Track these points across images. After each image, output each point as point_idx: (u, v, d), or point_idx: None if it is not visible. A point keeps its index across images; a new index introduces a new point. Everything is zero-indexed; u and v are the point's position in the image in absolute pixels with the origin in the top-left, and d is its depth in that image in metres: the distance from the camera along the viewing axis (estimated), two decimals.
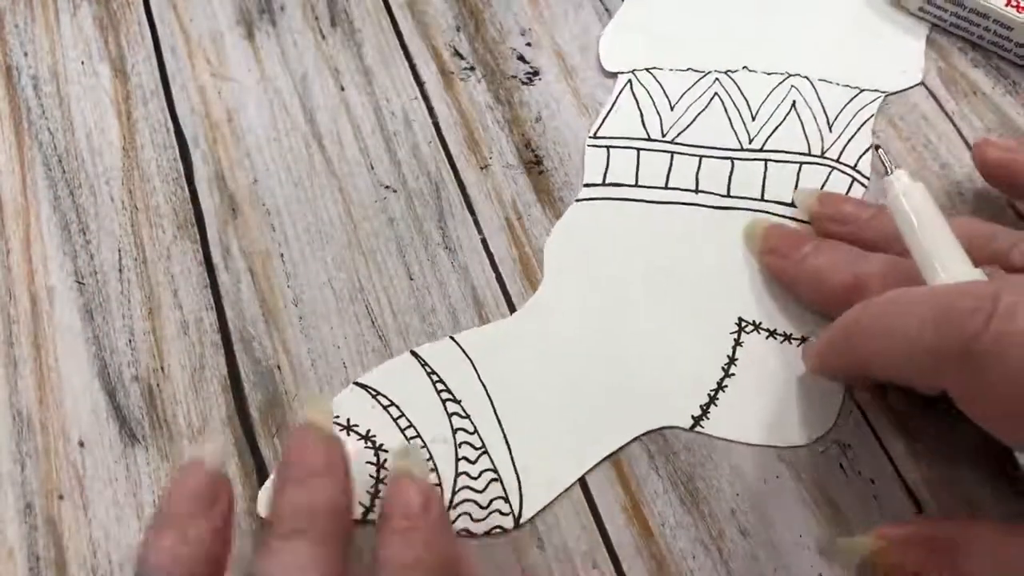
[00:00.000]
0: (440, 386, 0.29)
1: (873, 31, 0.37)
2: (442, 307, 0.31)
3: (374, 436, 0.28)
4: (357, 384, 0.29)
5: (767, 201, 0.32)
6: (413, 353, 0.29)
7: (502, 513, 0.27)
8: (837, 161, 0.33)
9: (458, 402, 0.28)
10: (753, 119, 0.34)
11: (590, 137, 0.34)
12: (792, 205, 0.32)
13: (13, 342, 0.30)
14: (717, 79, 0.35)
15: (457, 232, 0.32)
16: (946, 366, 0.22)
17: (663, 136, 0.34)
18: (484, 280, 0.31)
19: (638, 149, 0.33)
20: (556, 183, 0.33)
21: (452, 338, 0.30)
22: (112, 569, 0.27)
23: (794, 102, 0.35)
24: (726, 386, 0.29)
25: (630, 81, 0.35)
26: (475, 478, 0.27)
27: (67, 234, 0.32)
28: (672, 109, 0.34)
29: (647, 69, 0.35)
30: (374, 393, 0.29)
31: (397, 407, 0.28)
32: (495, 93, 0.35)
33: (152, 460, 0.28)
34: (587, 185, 0.33)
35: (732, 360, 0.29)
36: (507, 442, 0.28)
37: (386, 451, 0.28)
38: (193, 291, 0.31)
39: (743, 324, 0.30)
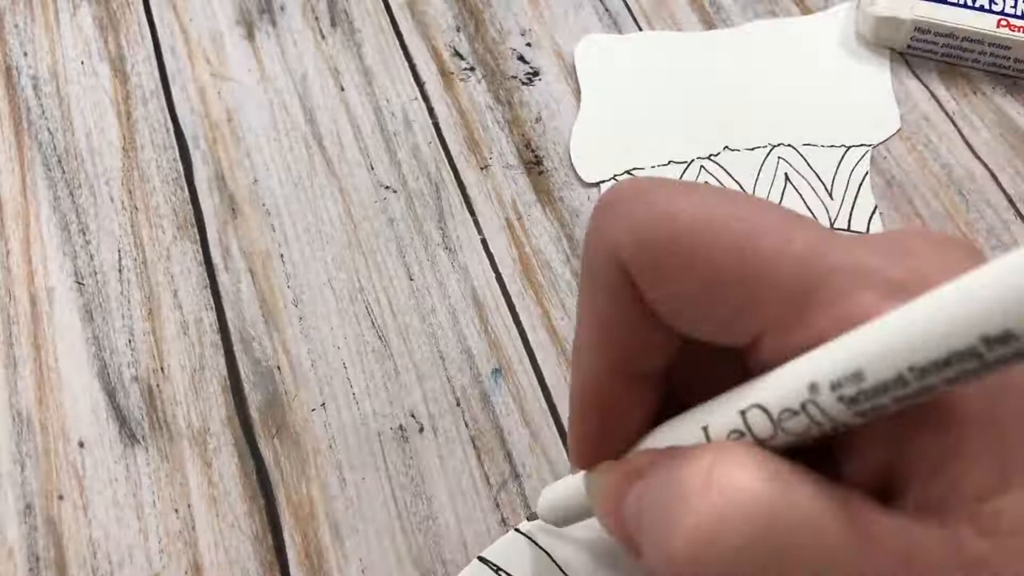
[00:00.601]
0: None
1: (842, 84, 0.35)
2: (442, 307, 0.31)
3: None
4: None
5: None
6: (481, 559, 0.27)
7: None
8: (848, 230, 0.32)
9: None
10: None
11: None
12: None
13: (13, 342, 0.30)
14: (702, 167, 0.33)
15: (457, 232, 0.32)
16: None
17: None
18: (484, 280, 0.31)
19: None
20: (556, 183, 0.33)
21: (517, 530, 0.28)
22: (112, 569, 0.27)
23: (786, 174, 0.33)
24: None
25: None
26: None
27: (67, 234, 0.32)
28: None
29: (627, 172, 0.34)
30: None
31: None
32: (495, 93, 0.35)
33: (152, 460, 0.28)
34: None
35: None
36: None
37: None
38: (193, 291, 0.31)
39: None
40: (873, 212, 0.33)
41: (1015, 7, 0.35)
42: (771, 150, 0.34)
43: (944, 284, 0.13)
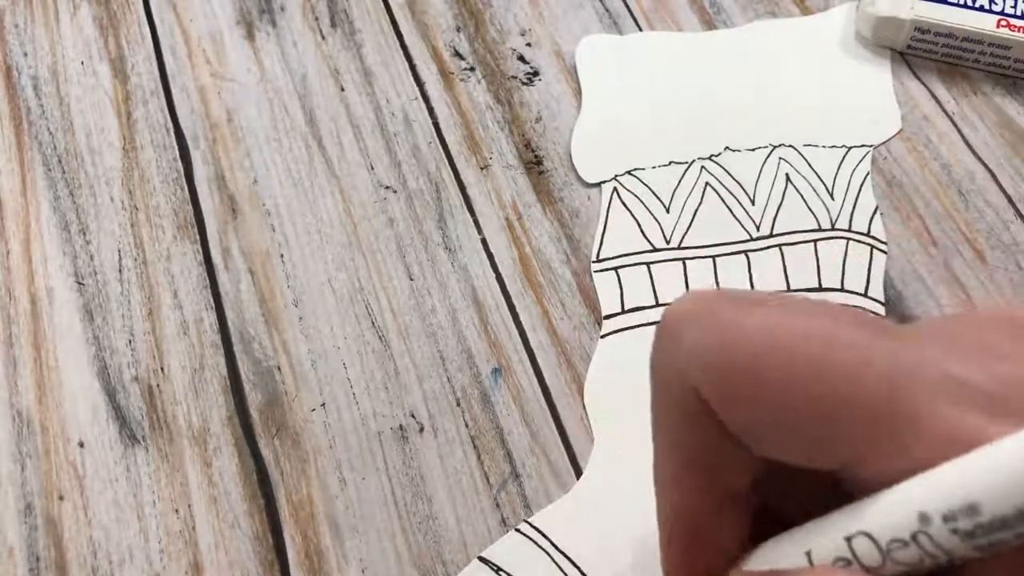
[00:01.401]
0: None
1: (843, 85, 0.35)
2: (442, 307, 0.31)
3: None
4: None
5: (794, 291, 0.31)
6: (482, 559, 0.27)
7: None
8: (849, 231, 0.32)
9: None
10: (753, 203, 0.32)
11: (594, 261, 0.32)
12: (820, 289, 0.30)
13: (13, 342, 0.30)
14: (703, 167, 0.33)
15: (457, 232, 0.32)
16: None
17: (668, 243, 0.32)
18: (484, 280, 0.31)
19: (647, 264, 0.31)
20: (556, 183, 0.33)
21: (527, 522, 0.28)
22: (112, 569, 0.27)
23: (787, 175, 0.33)
24: None
25: (615, 189, 0.33)
26: None
27: (67, 234, 0.32)
28: (668, 211, 0.32)
29: (629, 172, 0.33)
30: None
31: None
32: (495, 93, 0.35)
33: (152, 461, 0.28)
34: (607, 317, 0.31)
35: None
36: None
37: None
38: (193, 291, 0.31)
39: None
40: (874, 213, 0.33)
41: (1015, 7, 0.35)
42: (772, 150, 0.34)
43: None
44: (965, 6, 0.35)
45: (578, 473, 0.28)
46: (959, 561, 0.15)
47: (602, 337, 0.31)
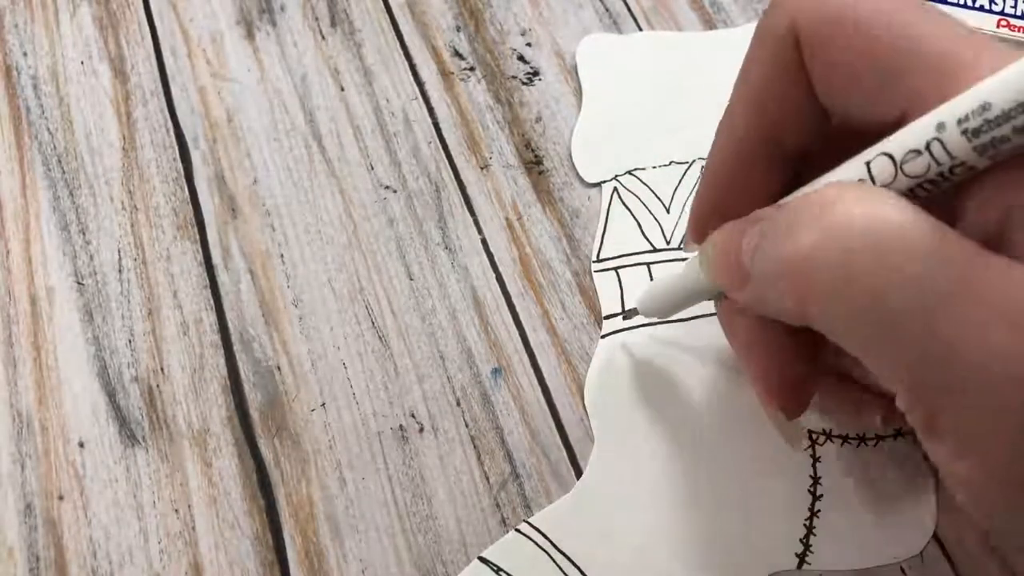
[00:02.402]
0: None
1: None
2: (442, 307, 0.31)
3: None
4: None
5: None
6: (482, 559, 0.27)
7: None
8: None
9: None
10: None
11: (594, 261, 0.32)
12: None
13: (13, 342, 0.30)
14: (703, 167, 0.34)
15: (457, 232, 0.32)
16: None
17: (668, 243, 0.32)
18: (484, 280, 0.31)
19: (647, 264, 0.31)
20: (556, 183, 0.33)
21: (527, 522, 0.28)
22: (112, 569, 0.27)
23: None
24: (819, 511, 0.27)
25: (616, 189, 0.33)
26: None
27: (67, 234, 0.32)
28: (668, 212, 0.32)
29: (629, 172, 0.33)
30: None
31: None
32: (495, 93, 0.35)
33: (152, 461, 0.28)
34: (607, 317, 0.31)
35: (816, 480, 0.27)
36: None
37: None
38: (193, 291, 0.31)
39: (814, 436, 0.28)
40: None
41: (1015, 7, 0.35)
42: None
43: None
44: (965, 6, 0.35)
45: (578, 473, 0.28)
46: (958, 174, 0.17)
47: (602, 337, 0.31)
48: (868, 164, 0.18)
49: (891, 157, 0.17)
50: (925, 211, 0.17)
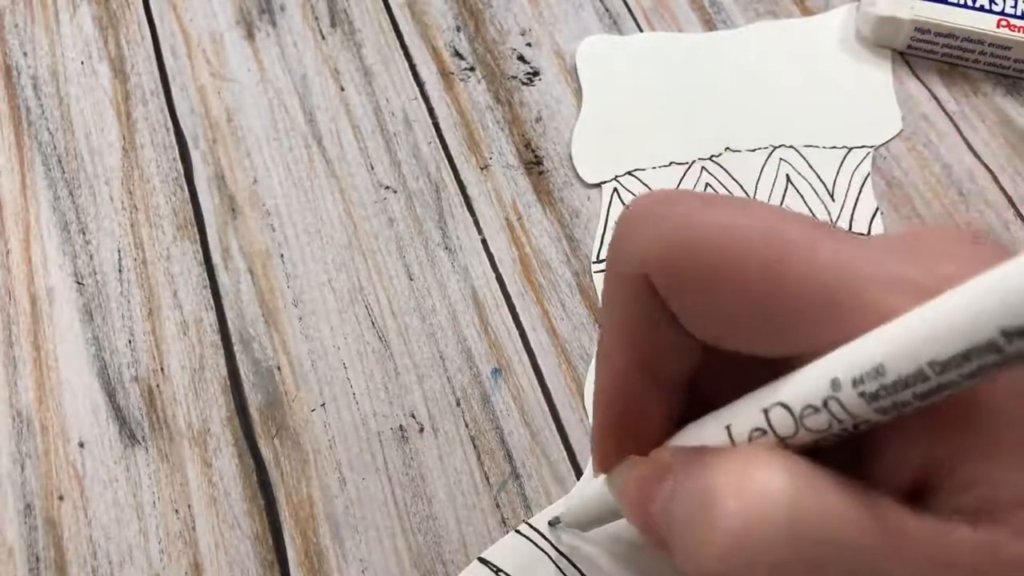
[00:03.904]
0: None
1: (843, 85, 0.35)
2: (442, 307, 0.31)
3: None
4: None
5: None
6: (482, 559, 0.27)
7: None
8: (850, 232, 0.31)
9: None
10: None
11: (594, 261, 0.32)
12: None
13: (13, 342, 0.30)
14: (704, 168, 0.33)
15: (457, 232, 0.32)
16: None
17: None
18: (484, 280, 0.31)
19: None
20: (556, 183, 0.33)
21: (527, 522, 0.28)
22: (112, 569, 0.27)
23: (788, 176, 0.33)
24: None
25: (616, 190, 0.33)
26: None
27: (67, 234, 0.32)
28: None
29: (629, 172, 0.33)
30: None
31: None
32: (495, 93, 0.35)
33: (152, 461, 0.28)
34: None
35: None
36: None
37: None
38: (193, 291, 0.31)
39: None
40: (874, 214, 0.33)
41: (1015, 7, 0.35)
42: (772, 151, 0.34)
43: (965, 282, 0.13)
44: (965, 6, 0.35)
45: (578, 473, 0.28)
46: (864, 428, 0.15)
47: None
48: (766, 413, 0.16)
49: (789, 410, 0.16)
50: (854, 488, 0.15)
